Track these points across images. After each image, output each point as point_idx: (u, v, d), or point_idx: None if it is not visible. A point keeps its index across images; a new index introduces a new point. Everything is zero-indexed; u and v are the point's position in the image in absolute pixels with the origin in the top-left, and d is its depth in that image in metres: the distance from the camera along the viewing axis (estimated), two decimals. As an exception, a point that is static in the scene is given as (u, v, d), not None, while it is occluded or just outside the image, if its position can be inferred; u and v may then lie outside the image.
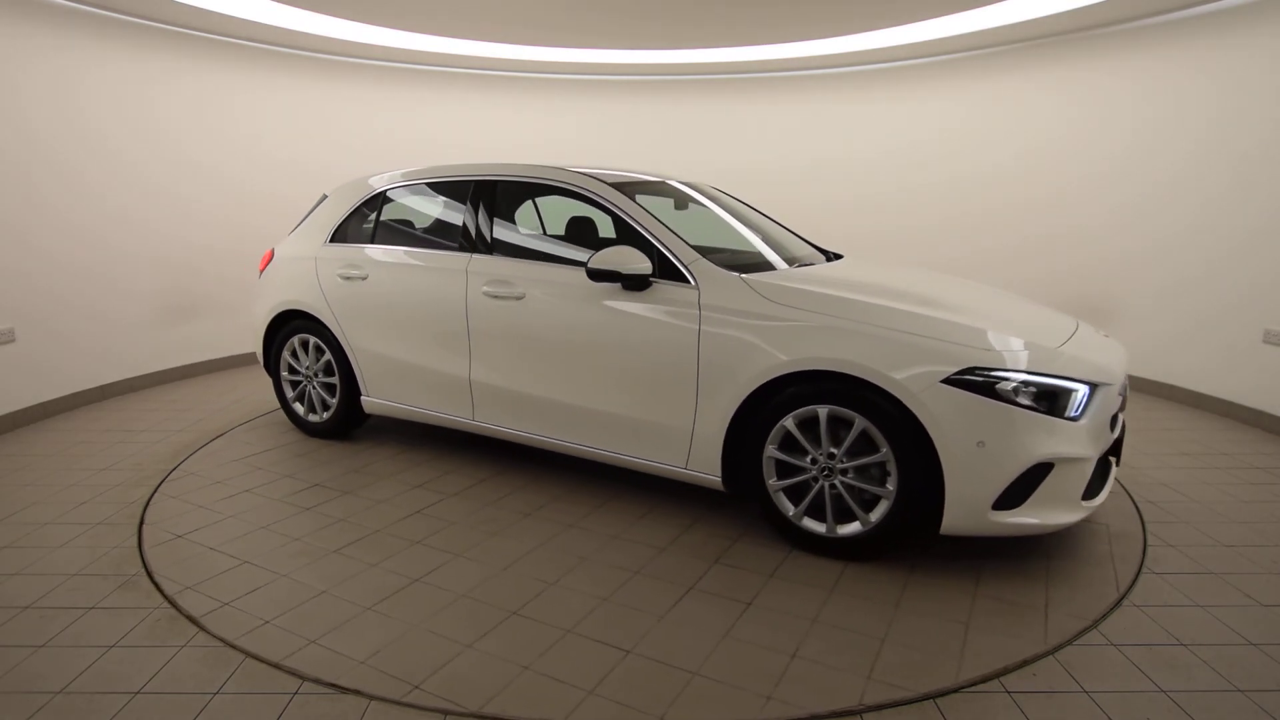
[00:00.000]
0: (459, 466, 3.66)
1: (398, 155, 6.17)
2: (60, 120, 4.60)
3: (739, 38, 5.71)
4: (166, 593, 2.49)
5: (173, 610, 2.37)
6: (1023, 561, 2.67)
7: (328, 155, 6.22)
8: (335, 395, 4.01)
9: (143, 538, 2.89)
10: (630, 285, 2.96)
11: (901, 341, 2.48)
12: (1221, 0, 4.51)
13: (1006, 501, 2.42)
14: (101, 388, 4.94)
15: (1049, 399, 2.42)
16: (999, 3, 4.78)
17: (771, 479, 2.76)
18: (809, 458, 2.66)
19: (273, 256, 4.27)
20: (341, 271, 3.84)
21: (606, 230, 3.49)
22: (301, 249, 4.09)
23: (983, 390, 2.38)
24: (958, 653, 2.13)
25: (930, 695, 1.94)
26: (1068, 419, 2.43)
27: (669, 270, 2.95)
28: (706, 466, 2.89)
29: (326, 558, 2.74)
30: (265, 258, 4.33)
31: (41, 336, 4.53)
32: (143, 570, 2.64)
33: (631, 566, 2.66)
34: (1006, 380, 2.39)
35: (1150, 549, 2.84)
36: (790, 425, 2.66)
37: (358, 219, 3.96)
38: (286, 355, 4.16)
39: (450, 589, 2.51)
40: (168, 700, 1.93)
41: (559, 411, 3.22)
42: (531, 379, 3.27)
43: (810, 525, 2.72)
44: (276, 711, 1.89)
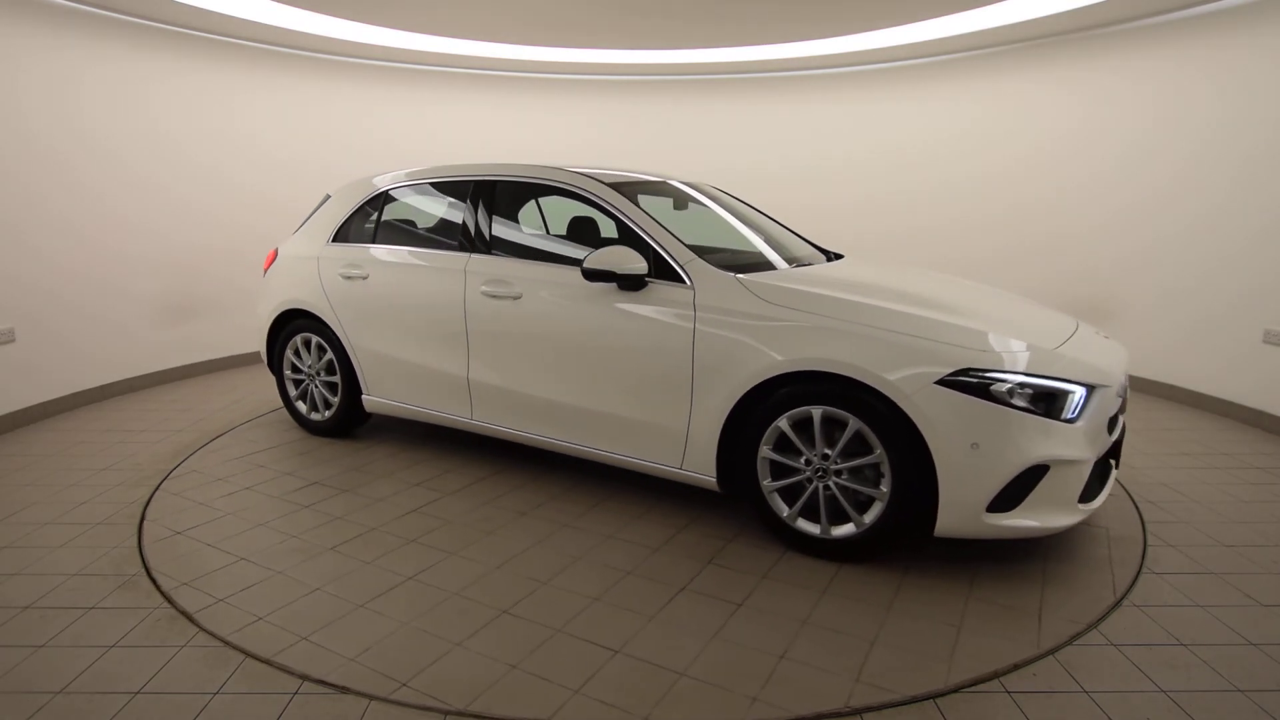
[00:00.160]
0: (458, 465, 3.68)
1: (397, 156, 6.17)
2: (58, 120, 4.58)
3: (739, 38, 5.70)
4: (163, 588, 2.52)
5: (172, 610, 2.37)
6: (1019, 564, 2.64)
7: (327, 155, 6.22)
8: (337, 394, 4.03)
9: (143, 535, 2.92)
10: (626, 285, 2.96)
11: (895, 342, 2.47)
12: (1224, 0, 4.48)
13: (1001, 504, 2.40)
14: (101, 388, 4.94)
15: (1045, 401, 2.40)
16: (999, 3, 4.75)
17: (766, 480, 2.75)
18: (803, 459, 2.65)
19: (276, 256, 4.30)
20: (343, 271, 3.87)
21: (609, 230, 3.49)
22: (304, 248, 4.12)
23: (977, 392, 2.36)
24: (948, 655, 2.11)
25: (918, 698, 1.93)
26: (1064, 421, 2.41)
27: (665, 270, 2.94)
28: (701, 467, 2.88)
29: (322, 555, 2.76)
30: (269, 257, 4.36)
31: (41, 336, 4.53)
32: (143, 570, 2.64)
33: (624, 566, 2.66)
34: (1001, 382, 2.37)
35: (1150, 549, 2.82)
36: (784, 426, 2.65)
37: (360, 219, 3.98)
38: (289, 354, 4.19)
39: (443, 587, 2.51)
40: (167, 700, 1.93)
41: (556, 411, 3.22)
42: (529, 379, 3.28)
43: (804, 526, 2.71)
44: (276, 711, 1.89)
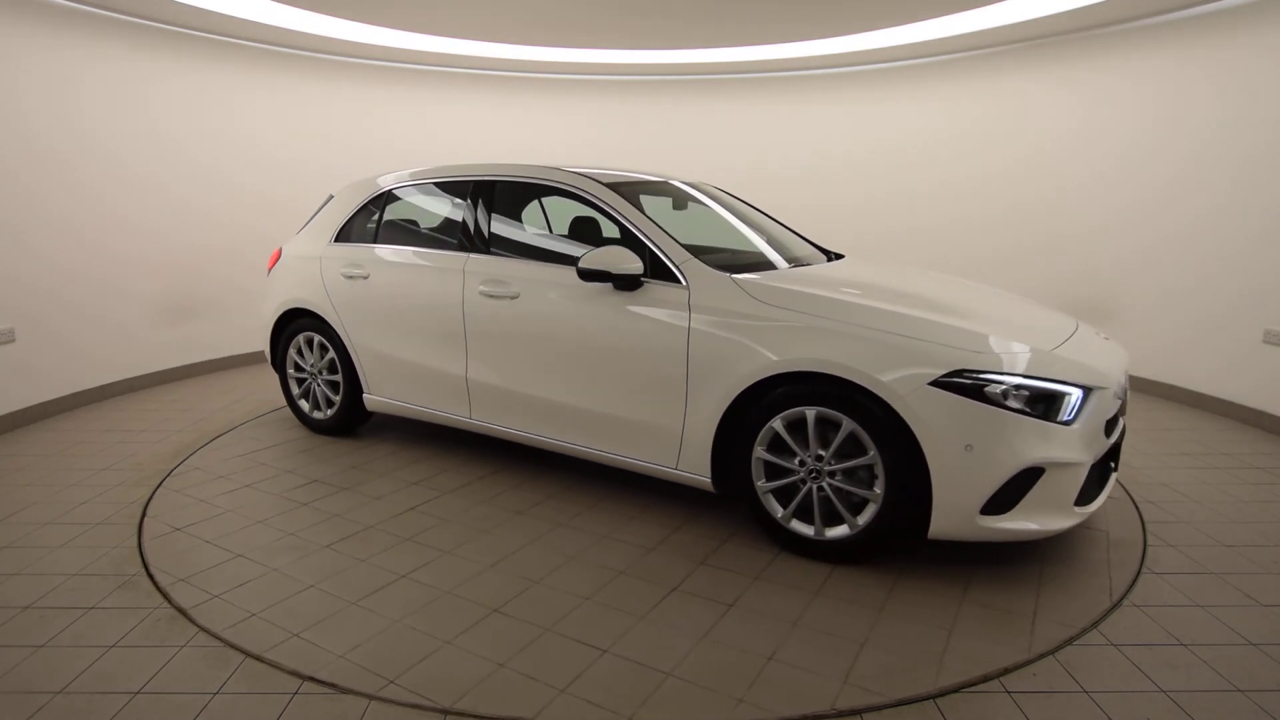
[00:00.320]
0: (457, 464, 3.69)
1: (397, 156, 6.18)
2: (58, 120, 4.58)
3: (739, 38, 5.69)
4: (160, 584, 2.54)
5: (172, 610, 2.37)
6: (1015, 567, 2.62)
7: (327, 155, 6.22)
8: (339, 393, 4.06)
9: (143, 533, 2.94)
10: (621, 285, 2.96)
11: (889, 343, 2.45)
12: (1224, 0, 4.45)
13: (995, 506, 2.38)
14: (101, 388, 4.94)
15: (1040, 402, 2.38)
16: (999, 2, 4.72)
17: (760, 480, 2.74)
18: (797, 460, 2.64)
19: (280, 255, 4.34)
20: (344, 271, 3.89)
21: (611, 230, 3.48)
22: (307, 248, 4.15)
23: (971, 393, 2.34)
24: (938, 658, 2.09)
25: (905, 701, 1.91)
26: (1060, 423, 2.38)
27: (661, 270, 2.94)
28: (696, 467, 2.88)
29: (318, 552, 2.78)
30: (273, 256, 4.40)
31: (41, 336, 4.52)
32: (143, 570, 2.64)
33: (617, 566, 2.66)
34: (996, 383, 2.35)
35: (1150, 549, 2.81)
36: (778, 427, 2.64)
37: (362, 219, 4.01)
38: (292, 353, 4.22)
39: (435, 585, 2.53)
40: (167, 700, 1.93)
41: (553, 411, 3.23)
42: (526, 378, 3.29)
43: (798, 528, 2.70)
44: (276, 711, 1.89)
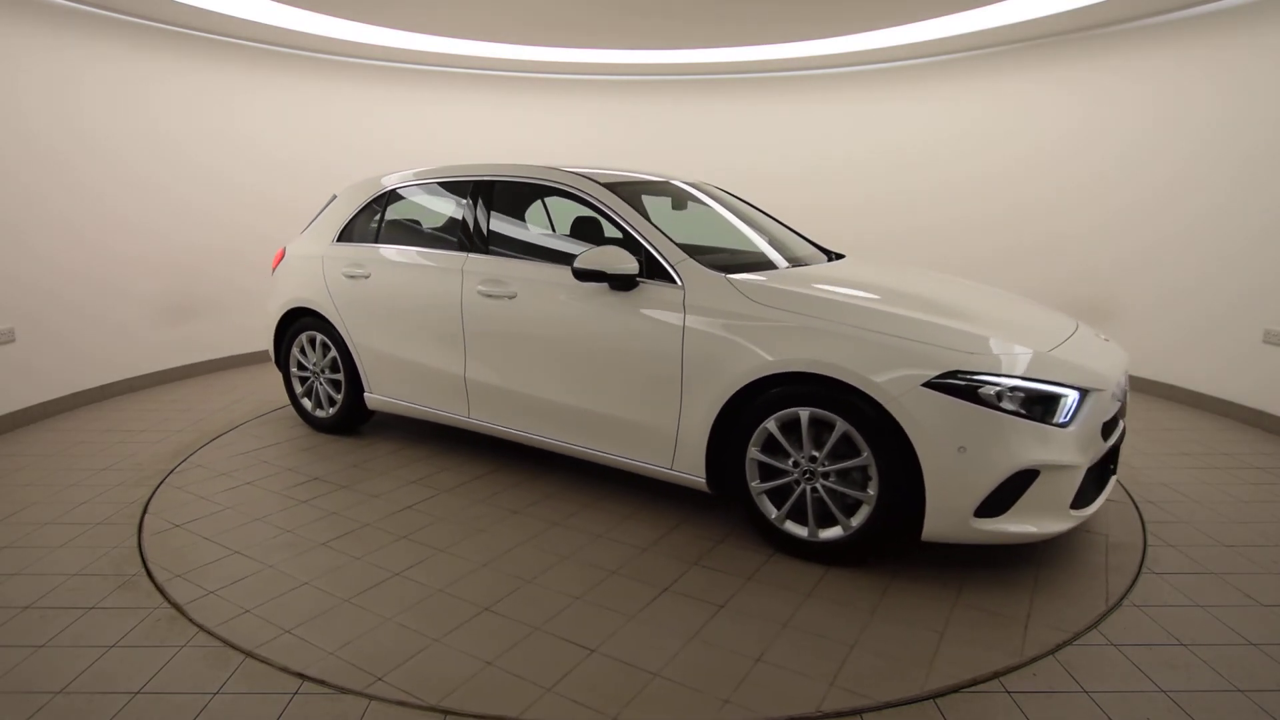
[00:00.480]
0: (456, 463, 3.71)
1: (397, 156, 6.19)
2: (58, 120, 4.59)
3: (739, 38, 5.67)
4: (157, 580, 2.57)
5: (172, 610, 2.37)
6: (1011, 571, 2.60)
7: (327, 155, 6.22)
8: (340, 392, 4.09)
9: (143, 530, 2.96)
10: (617, 285, 2.96)
11: (883, 344, 2.44)
12: (1224, 0, 4.43)
13: (989, 509, 2.36)
14: (101, 388, 4.94)
15: (1035, 404, 2.36)
16: (999, 2, 4.70)
17: (754, 481, 2.73)
18: (791, 460, 2.63)
19: (284, 255, 4.37)
20: (346, 270, 3.92)
21: (613, 231, 3.49)
22: (310, 248, 4.18)
23: (965, 395, 2.33)
24: (927, 662, 2.08)
25: (892, 704, 1.90)
26: (1056, 425, 2.36)
27: (657, 270, 2.94)
28: (691, 468, 2.87)
29: (314, 550, 2.79)
30: (278, 256, 4.43)
31: (41, 336, 4.52)
32: (143, 570, 2.64)
33: (610, 566, 2.66)
34: (990, 385, 2.33)
35: (1150, 549, 2.80)
36: (772, 427, 2.63)
37: (364, 219, 4.03)
38: (295, 352, 4.26)
39: (428, 583, 2.54)
40: (167, 700, 1.94)
41: (550, 410, 3.23)
42: (523, 378, 3.30)
43: (792, 529, 2.69)
44: (276, 711, 1.89)
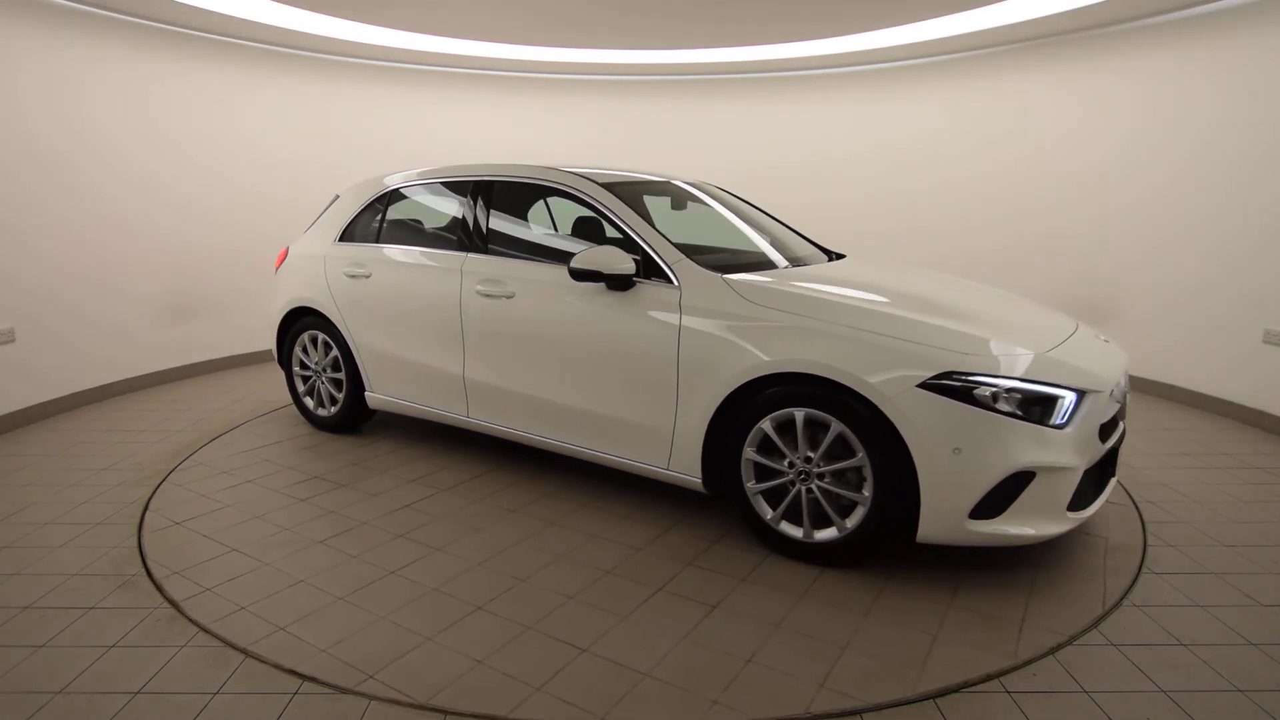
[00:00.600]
0: (455, 462, 3.72)
1: (397, 156, 6.20)
2: (58, 120, 4.59)
3: (739, 38, 5.67)
4: (155, 577, 2.59)
5: (172, 610, 2.38)
6: (1007, 573, 2.58)
7: (327, 156, 6.22)
8: (342, 390, 4.11)
9: (143, 529, 2.98)
10: (614, 285, 2.96)
11: (878, 344, 2.43)
12: (1224, 0, 4.41)
13: (985, 510, 2.34)
14: (101, 388, 4.94)
15: (1031, 405, 2.34)
16: (999, 2, 4.69)
17: (750, 482, 2.73)
18: (786, 461, 2.62)
19: (287, 254, 4.40)
20: (347, 270, 3.94)
21: (614, 231, 3.49)
22: (312, 247, 4.20)
23: (960, 396, 2.31)
24: (919, 664, 2.07)
25: (881, 706, 1.89)
26: (1052, 427, 2.34)
27: (654, 270, 2.94)
28: (687, 468, 2.87)
29: (311, 548, 2.81)
30: (281, 255, 4.46)
31: (41, 337, 4.52)
32: (143, 570, 2.63)
33: (605, 566, 2.67)
34: (985, 386, 2.32)
35: (1150, 549, 2.79)
36: (768, 428, 2.62)
37: (365, 219, 4.05)
38: (298, 351, 4.28)
39: (423, 582, 2.54)
40: (168, 700, 1.94)
41: (547, 410, 3.24)
42: (521, 377, 3.30)
43: (788, 530, 2.68)
44: (276, 711, 1.89)
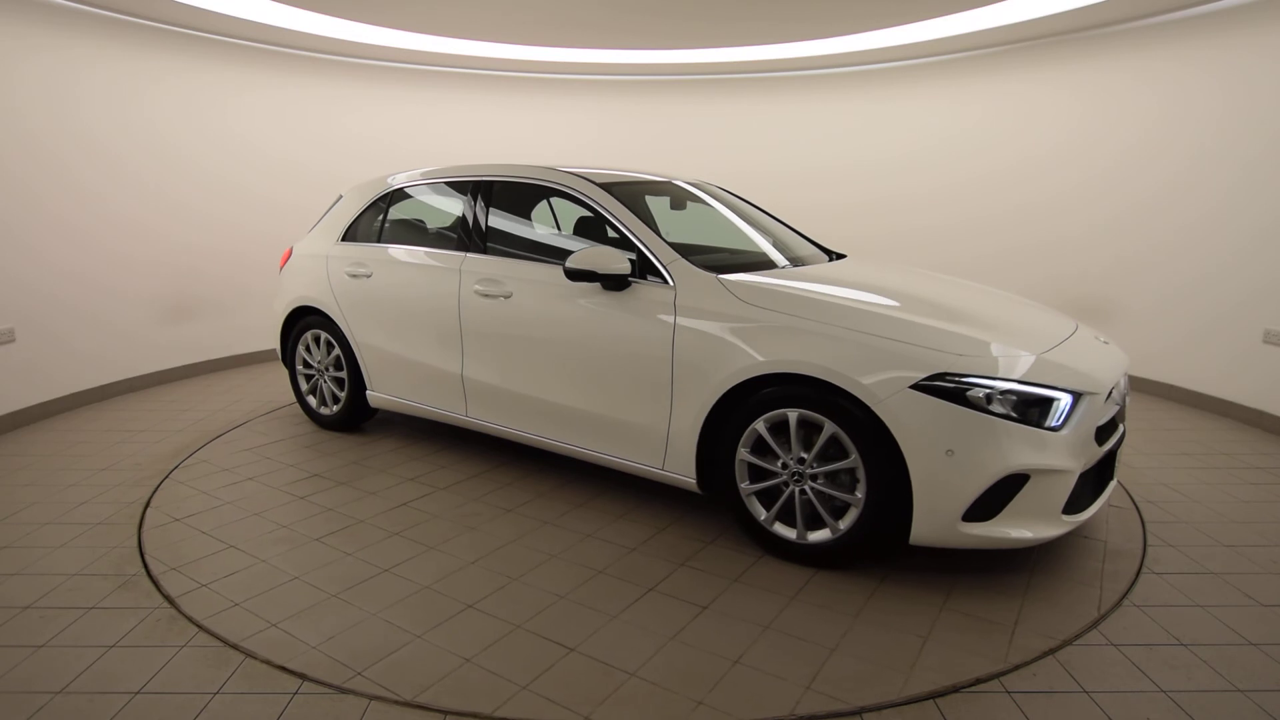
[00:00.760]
0: (455, 461, 3.73)
1: (397, 156, 6.22)
2: (58, 121, 4.58)
3: (739, 38, 5.66)
4: (153, 572, 2.62)
5: (172, 610, 2.39)
6: (1002, 576, 2.56)
7: (326, 156, 6.21)
8: (344, 389, 4.14)
9: (143, 528, 3.00)
10: (609, 285, 2.96)
11: (870, 345, 2.42)
12: (1226, 0, 4.39)
13: (978, 513, 2.32)
14: (101, 388, 4.94)
15: (1026, 407, 2.32)
16: (999, 2, 4.67)
17: (744, 482, 2.72)
18: (780, 462, 2.62)
19: (291, 254, 4.44)
20: (349, 269, 3.97)
21: (614, 231, 3.49)
22: (315, 247, 4.24)
23: (953, 397, 2.29)
24: (907, 667, 2.05)
25: (867, 709, 1.88)
26: (1047, 429, 2.32)
27: (649, 270, 2.94)
28: (682, 468, 2.87)
29: (307, 545, 2.83)
30: (285, 255, 4.50)
31: (41, 337, 4.52)
32: (143, 570, 2.63)
33: (597, 565, 2.67)
34: (979, 387, 2.30)
35: (1150, 549, 2.78)
36: (761, 428, 2.62)
37: (367, 218, 4.08)
38: (301, 350, 4.32)
39: (415, 580, 2.56)
40: (168, 700, 1.94)
41: (544, 409, 3.25)
42: (518, 377, 3.31)
43: (781, 531, 2.67)
44: (276, 711, 1.89)
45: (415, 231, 3.93)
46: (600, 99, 7.06)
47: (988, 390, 2.29)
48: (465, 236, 3.58)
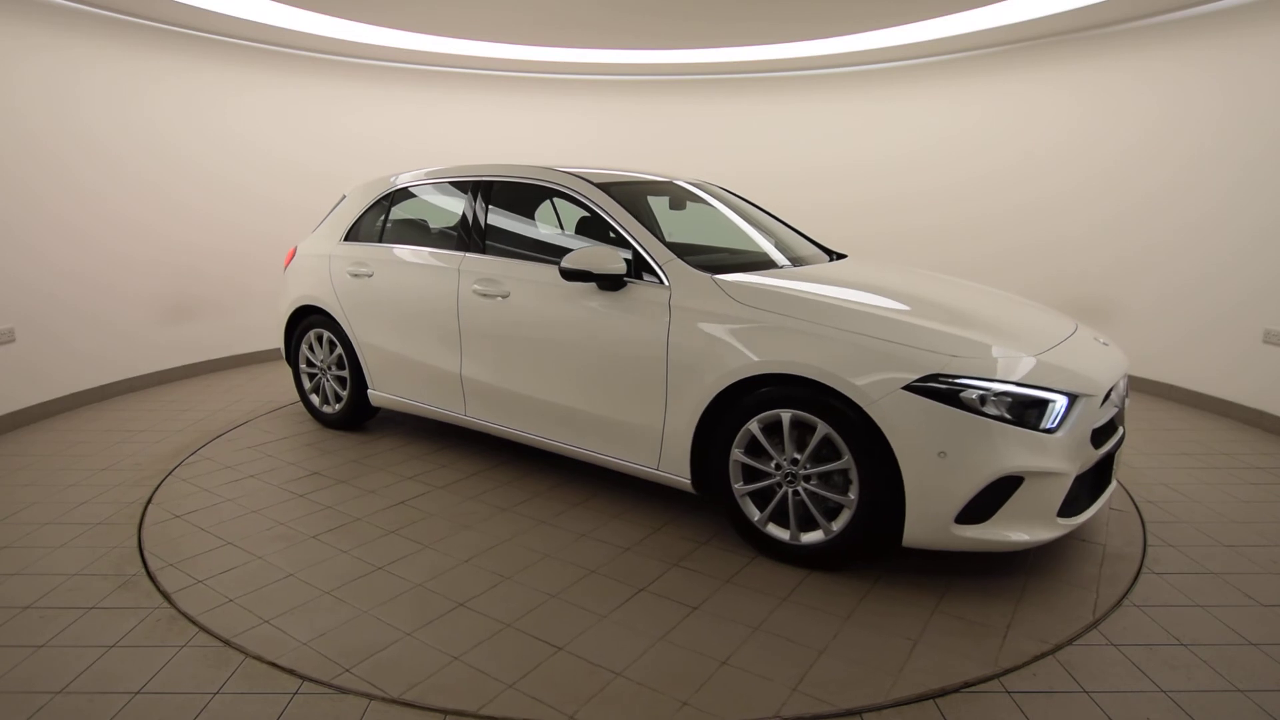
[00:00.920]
0: (454, 460, 3.74)
1: (397, 156, 6.22)
2: (57, 120, 4.58)
3: (739, 37, 5.65)
4: (151, 568, 2.63)
5: (172, 610, 2.37)
6: (997, 579, 2.55)
7: (326, 156, 6.22)
8: (346, 388, 4.15)
9: (144, 527, 3.00)
10: (605, 285, 2.96)
11: (863, 346, 2.41)
12: (1226, 0, 4.38)
13: (971, 515, 2.32)
14: (101, 388, 4.95)
15: (1020, 409, 2.31)
16: (999, 2, 4.65)
17: (738, 483, 2.72)
18: (773, 463, 2.61)
19: (295, 253, 4.45)
20: (351, 269, 3.98)
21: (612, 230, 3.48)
22: (319, 246, 4.25)
23: (946, 399, 2.29)
24: (896, 670, 2.05)
25: (855, 711, 1.88)
26: (1042, 431, 2.31)
27: (645, 270, 2.94)
28: (677, 468, 2.87)
29: (303, 542, 2.84)
30: (289, 254, 4.52)
31: (41, 337, 4.53)
32: (143, 570, 2.64)
33: (590, 565, 2.67)
34: (972, 389, 2.29)
35: (1150, 549, 2.78)
36: (755, 429, 2.61)
37: (370, 218, 4.10)
38: (304, 349, 4.34)
39: (408, 578, 2.57)
40: (168, 700, 1.94)
41: (541, 409, 3.25)
42: (515, 376, 3.32)
43: (774, 532, 2.67)
44: (276, 711, 1.89)
45: (416, 231, 3.94)
46: (600, 99, 7.06)
47: (981, 392, 2.29)
48: (464, 236, 3.58)
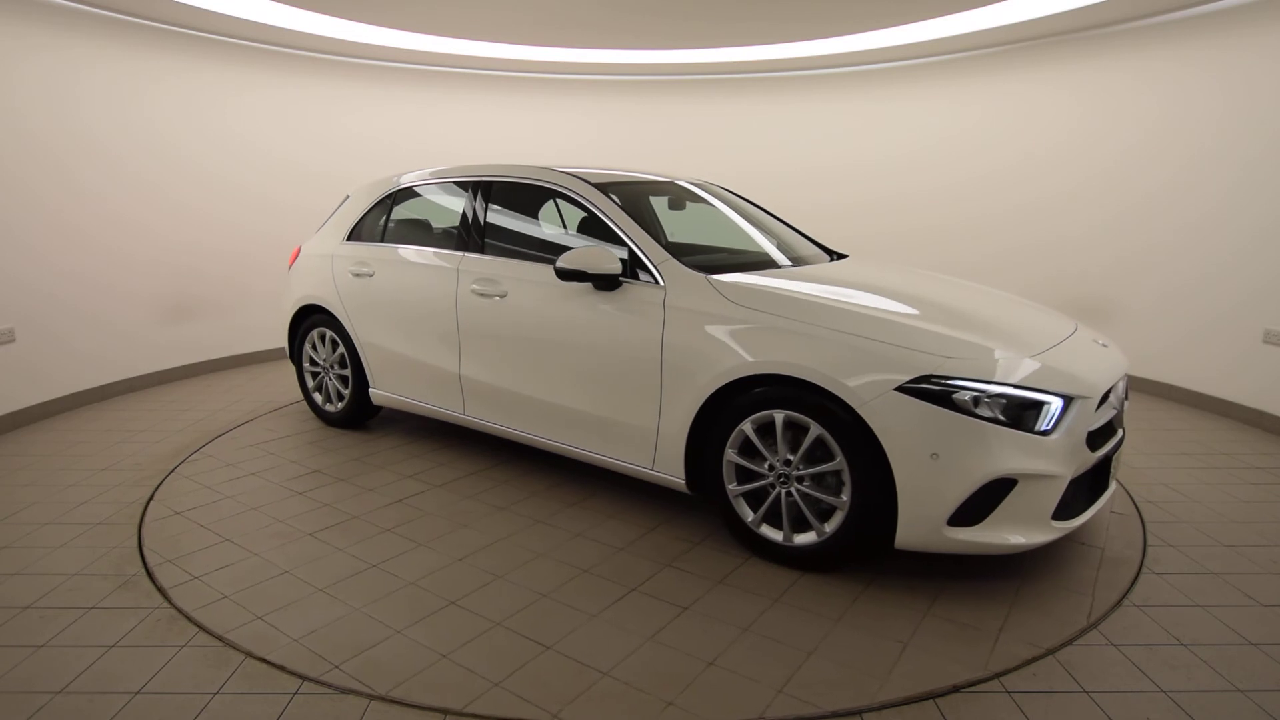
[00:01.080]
0: (454, 459, 3.75)
1: (397, 156, 6.24)
2: (57, 120, 4.59)
3: (739, 37, 5.65)
4: (149, 564, 2.65)
5: (172, 610, 2.37)
6: (992, 582, 2.54)
7: (327, 156, 6.22)
8: (348, 387, 4.17)
9: (144, 524, 3.02)
10: (600, 285, 2.97)
11: (856, 346, 2.41)
12: (1226, 0, 4.37)
13: (964, 517, 2.31)
14: (101, 388, 4.96)
15: (1014, 411, 2.30)
16: (1000, 2, 4.64)
17: (731, 483, 2.72)
18: (766, 464, 2.61)
19: (300, 253, 4.47)
20: (353, 269, 4.00)
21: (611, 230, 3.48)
22: (322, 246, 4.27)
23: (939, 400, 2.28)
24: (884, 673, 2.05)
25: (839, 714, 1.88)
26: (1037, 433, 2.30)
27: (641, 270, 2.94)
28: (671, 468, 2.87)
29: (300, 540, 2.85)
30: (294, 253, 4.53)
31: (41, 337, 4.53)
32: (143, 570, 2.64)
33: (582, 565, 2.67)
34: (965, 390, 2.28)
35: (1150, 549, 2.78)
36: (748, 430, 2.61)
37: (372, 218, 4.12)
38: (307, 348, 4.35)
39: (401, 576, 2.58)
40: (168, 700, 1.94)
41: (538, 409, 3.26)
42: (513, 376, 3.33)
43: (768, 533, 2.67)
44: (276, 711, 1.89)
45: (416, 231, 3.95)
46: (600, 99, 7.06)
47: (975, 393, 2.28)
48: (464, 236, 3.59)
